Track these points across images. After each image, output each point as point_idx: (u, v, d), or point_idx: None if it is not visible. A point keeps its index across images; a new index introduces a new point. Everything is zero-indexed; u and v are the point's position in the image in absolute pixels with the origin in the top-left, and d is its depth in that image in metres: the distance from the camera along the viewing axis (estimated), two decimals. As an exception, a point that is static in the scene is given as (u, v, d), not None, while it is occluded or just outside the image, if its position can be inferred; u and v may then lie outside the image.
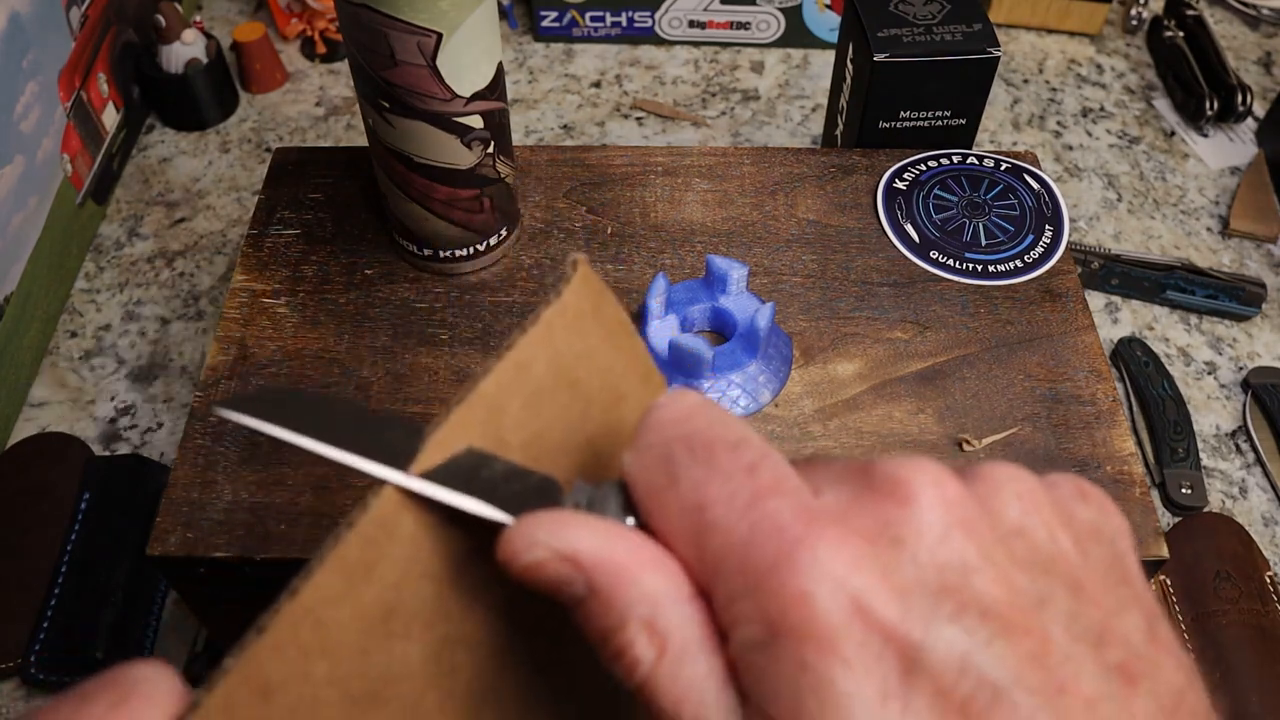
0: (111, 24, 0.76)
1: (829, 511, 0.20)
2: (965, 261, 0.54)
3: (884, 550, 0.20)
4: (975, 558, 0.20)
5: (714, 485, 0.21)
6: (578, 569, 0.21)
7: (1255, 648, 0.55)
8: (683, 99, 0.84)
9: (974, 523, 0.21)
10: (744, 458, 0.21)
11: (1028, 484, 0.22)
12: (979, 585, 0.20)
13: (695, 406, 0.22)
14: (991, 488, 0.22)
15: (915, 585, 0.20)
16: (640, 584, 0.21)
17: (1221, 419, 0.66)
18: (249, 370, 0.49)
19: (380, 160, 0.50)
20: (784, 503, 0.20)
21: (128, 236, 0.74)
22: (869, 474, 0.21)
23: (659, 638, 0.20)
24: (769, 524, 0.20)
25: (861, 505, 0.21)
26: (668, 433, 0.22)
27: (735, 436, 0.22)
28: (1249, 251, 0.74)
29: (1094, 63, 0.89)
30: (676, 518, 0.21)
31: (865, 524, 0.20)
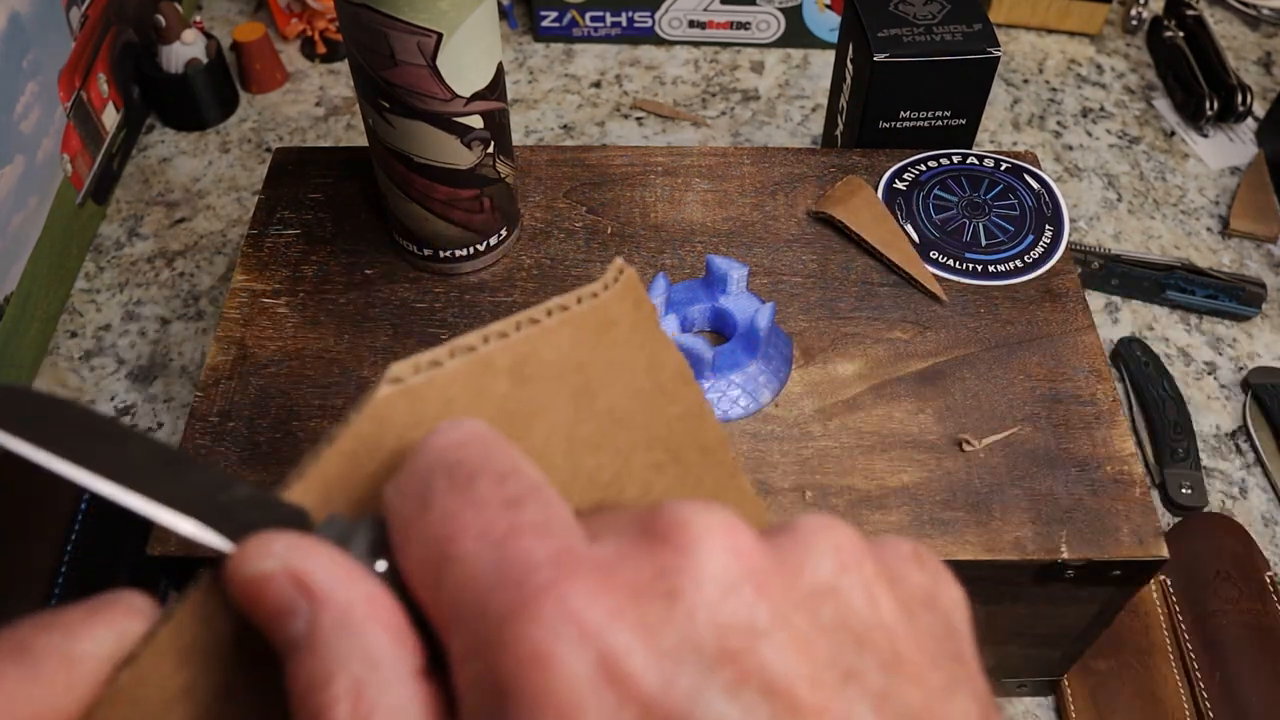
0: (111, 24, 0.76)
1: (594, 558, 0.17)
2: (965, 261, 0.54)
3: (652, 604, 0.16)
4: (766, 619, 0.16)
5: (465, 516, 0.17)
6: (305, 596, 0.17)
7: (1255, 648, 0.55)
8: (683, 99, 0.84)
9: (769, 577, 0.17)
10: (508, 490, 0.18)
11: (848, 539, 0.19)
12: (767, 653, 0.16)
13: (472, 434, 0.19)
14: (801, 540, 0.18)
15: (686, 647, 0.16)
16: (363, 638, 0.17)
17: (1221, 419, 0.66)
18: (249, 370, 0.49)
19: (380, 160, 0.50)
20: (541, 543, 0.17)
21: (128, 236, 0.74)
22: (651, 520, 0.18)
23: (364, 709, 0.16)
24: (516, 564, 0.16)
25: (636, 552, 0.17)
26: (433, 459, 0.18)
27: (506, 468, 0.18)
28: (1249, 251, 0.74)
29: (1094, 63, 0.89)
30: (420, 551, 0.18)
31: (635, 573, 0.17)
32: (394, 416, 0.21)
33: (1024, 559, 0.43)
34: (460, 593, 0.17)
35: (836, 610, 0.17)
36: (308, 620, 0.17)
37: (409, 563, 0.18)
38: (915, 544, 0.20)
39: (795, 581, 0.17)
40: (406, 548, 0.18)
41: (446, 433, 0.19)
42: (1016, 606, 0.47)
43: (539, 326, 0.23)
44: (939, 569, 0.20)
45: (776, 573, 0.17)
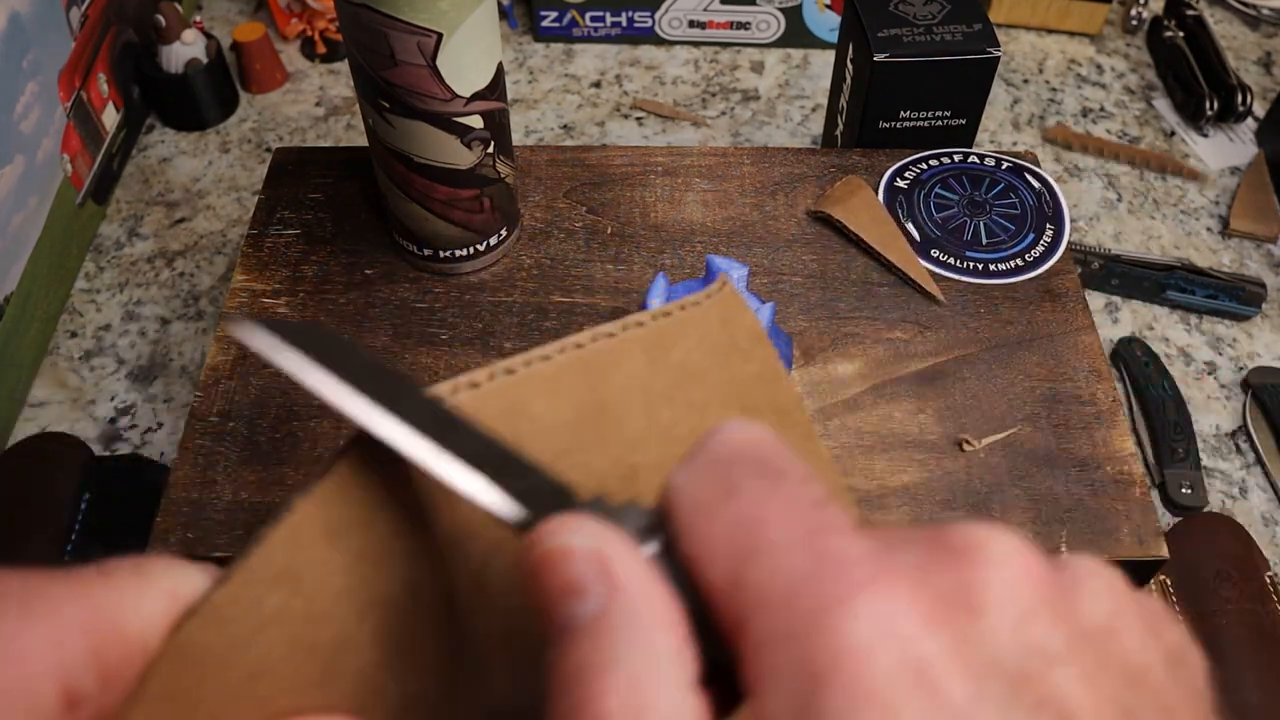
0: (111, 24, 0.76)
1: (903, 563, 0.17)
2: (966, 260, 0.54)
3: (961, 617, 0.17)
4: (1062, 647, 0.17)
5: (776, 505, 0.18)
6: (604, 581, 0.17)
7: (1255, 648, 0.55)
8: (683, 99, 0.84)
9: (1061, 607, 0.17)
10: (814, 491, 0.18)
11: (1120, 583, 0.19)
12: (1062, 681, 0.16)
13: (768, 435, 0.19)
14: (1077, 576, 0.19)
15: (992, 665, 0.16)
16: (651, 635, 0.17)
17: (1221, 419, 0.66)
18: (249, 370, 0.49)
19: (380, 160, 0.50)
20: (855, 543, 0.17)
21: (128, 236, 0.74)
22: (943, 534, 0.18)
23: (637, 706, 0.16)
24: (833, 559, 0.17)
25: (939, 565, 0.17)
26: (733, 452, 0.19)
27: (807, 471, 0.19)
28: (1249, 251, 0.74)
29: (1094, 63, 0.89)
30: (723, 534, 0.18)
31: (942, 585, 0.17)
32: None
33: (1024, 559, 0.43)
34: (770, 579, 0.17)
35: (1115, 651, 0.18)
36: (599, 605, 0.17)
37: (706, 546, 0.18)
38: (1162, 603, 0.20)
39: (1080, 616, 0.18)
40: (705, 532, 0.18)
41: (741, 430, 0.19)
42: (1016, 606, 0.47)
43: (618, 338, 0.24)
44: (1184, 630, 0.20)
45: (1066, 603, 0.18)
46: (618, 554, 0.18)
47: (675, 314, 0.25)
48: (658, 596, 0.18)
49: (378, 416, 0.20)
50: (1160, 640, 0.19)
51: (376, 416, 0.20)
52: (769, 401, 0.27)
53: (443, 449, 0.20)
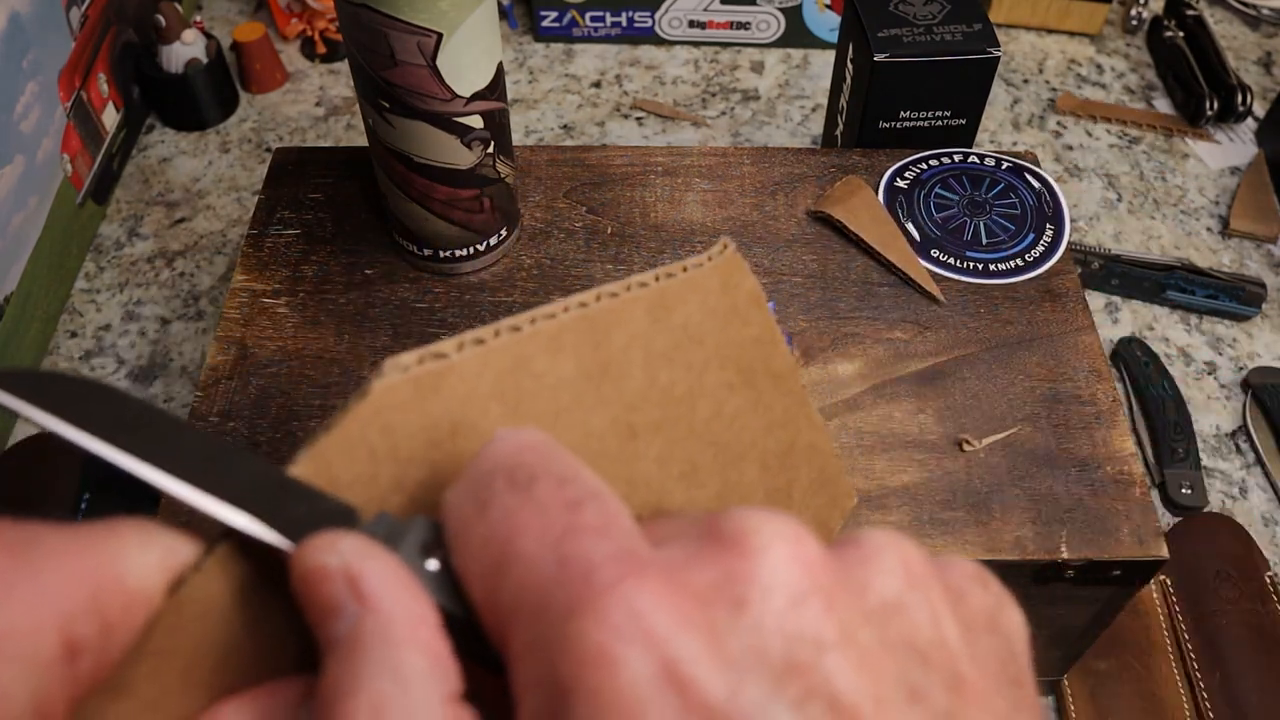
0: (111, 24, 0.76)
1: (657, 560, 0.17)
2: (966, 260, 0.54)
3: (719, 611, 0.16)
4: (833, 634, 0.16)
5: (525, 514, 0.17)
6: (356, 599, 0.17)
7: (1255, 648, 0.55)
8: (683, 99, 0.84)
9: (836, 592, 0.17)
10: (568, 493, 0.18)
11: (914, 556, 0.18)
12: (833, 668, 0.16)
13: (530, 443, 0.19)
14: (866, 554, 0.18)
15: (753, 657, 0.16)
16: (399, 655, 0.17)
17: (1221, 419, 0.66)
18: (249, 370, 0.49)
19: (380, 160, 0.50)
20: (603, 543, 0.17)
21: (128, 236, 0.74)
22: (714, 526, 0.17)
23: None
24: (578, 563, 0.16)
25: (701, 558, 0.17)
26: (492, 464, 0.19)
27: (566, 472, 0.18)
28: (1249, 251, 0.74)
29: (1094, 63, 0.89)
30: (479, 550, 0.18)
31: (700, 578, 0.16)
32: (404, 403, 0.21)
33: (1024, 559, 0.43)
34: (520, 591, 0.17)
35: (902, 628, 0.17)
36: (352, 623, 0.17)
37: (467, 562, 0.18)
38: (978, 566, 0.20)
39: (861, 596, 0.17)
40: (465, 548, 0.18)
41: (505, 439, 0.19)
42: (1016, 606, 0.47)
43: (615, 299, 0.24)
44: (1001, 592, 0.20)
45: (843, 586, 0.17)
46: (369, 570, 0.18)
47: (679, 275, 0.25)
48: (411, 612, 0.17)
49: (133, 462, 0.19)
50: (961, 609, 0.18)
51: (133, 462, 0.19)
52: (765, 366, 0.27)
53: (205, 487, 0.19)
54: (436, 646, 0.17)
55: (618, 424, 0.24)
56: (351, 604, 0.17)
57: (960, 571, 0.19)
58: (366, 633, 0.17)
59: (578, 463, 0.19)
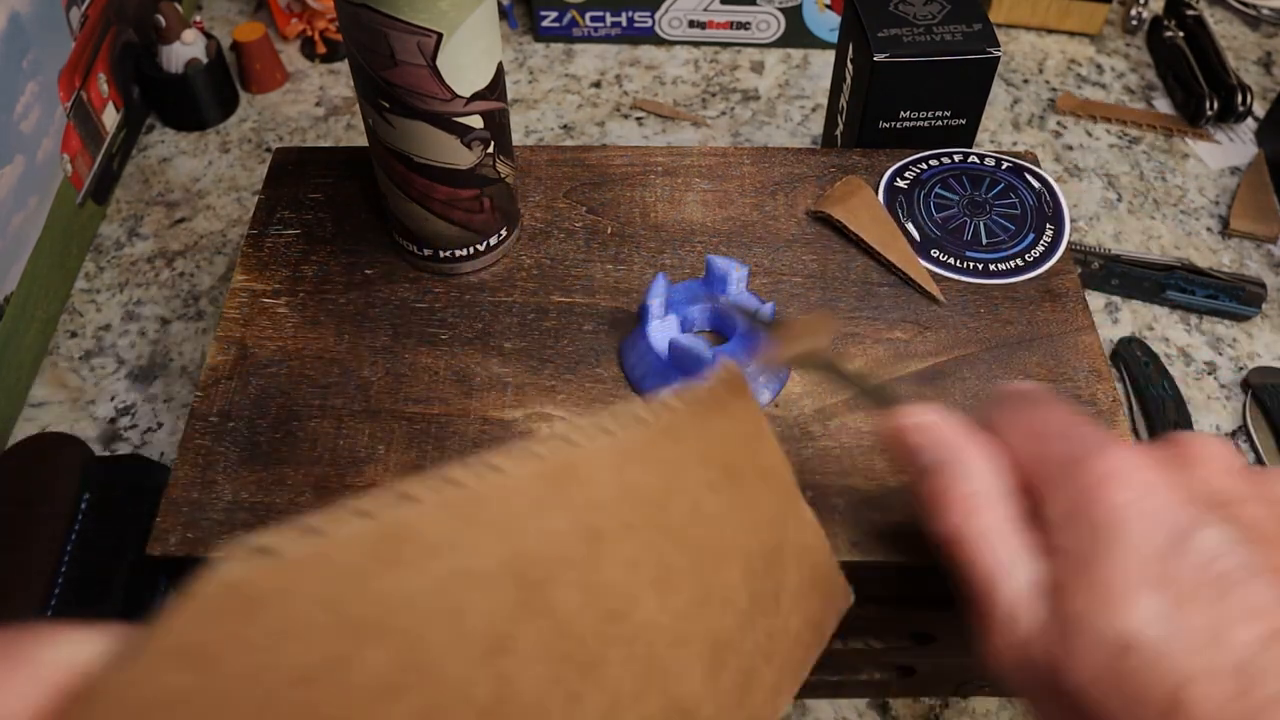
0: (111, 24, 0.76)
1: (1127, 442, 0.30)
2: (966, 260, 0.54)
3: (1174, 468, 0.28)
4: (1245, 494, 0.28)
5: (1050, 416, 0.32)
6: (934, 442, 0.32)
7: (1255, 648, 0.55)
8: (683, 99, 0.84)
9: (1248, 477, 0.29)
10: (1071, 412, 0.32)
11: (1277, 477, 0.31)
12: (1246, 511, 0.28)
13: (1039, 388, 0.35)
14: (1266, 472, 0.30)
15: (1199, 493, 0.27)
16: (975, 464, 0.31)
17: (1221, 419, 0.66)
18: (249, 370, 0.49)
19: (380, 160, 0.50)
20: (1095, 431, 0.30)
21: (128, 236, 0.74)
22: (1161, 438, 0.31)
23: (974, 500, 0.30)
24: (1088, 436, 0.30)
25: (1157, 445, 0.30)
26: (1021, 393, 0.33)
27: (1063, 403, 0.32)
28: (1249, 251, 0.74)
29: (1094, 63, 0.89)
30: (1020, 430, 0.31)
31: (1160, 453, 0.29)
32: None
33: (1024, 559, 0.43)
34: (1052, 448, 0.30)
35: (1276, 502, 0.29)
36: (937, 455, 0.31)
37: (1012, 437, 0.32)
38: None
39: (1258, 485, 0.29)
40: (1009, 430, 0.32)
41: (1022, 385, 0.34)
42: (1017, 606, 0.47)
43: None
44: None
45: (1247, 476, 0.30)
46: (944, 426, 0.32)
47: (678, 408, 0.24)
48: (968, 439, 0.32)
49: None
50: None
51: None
52: (751, 462, 0.26)
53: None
54: (995, 458, 0.31)
55: (581, 527, 0.22)
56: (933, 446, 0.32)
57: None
58: (950, 458, 0.31)
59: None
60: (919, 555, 0.44)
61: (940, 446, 0.31)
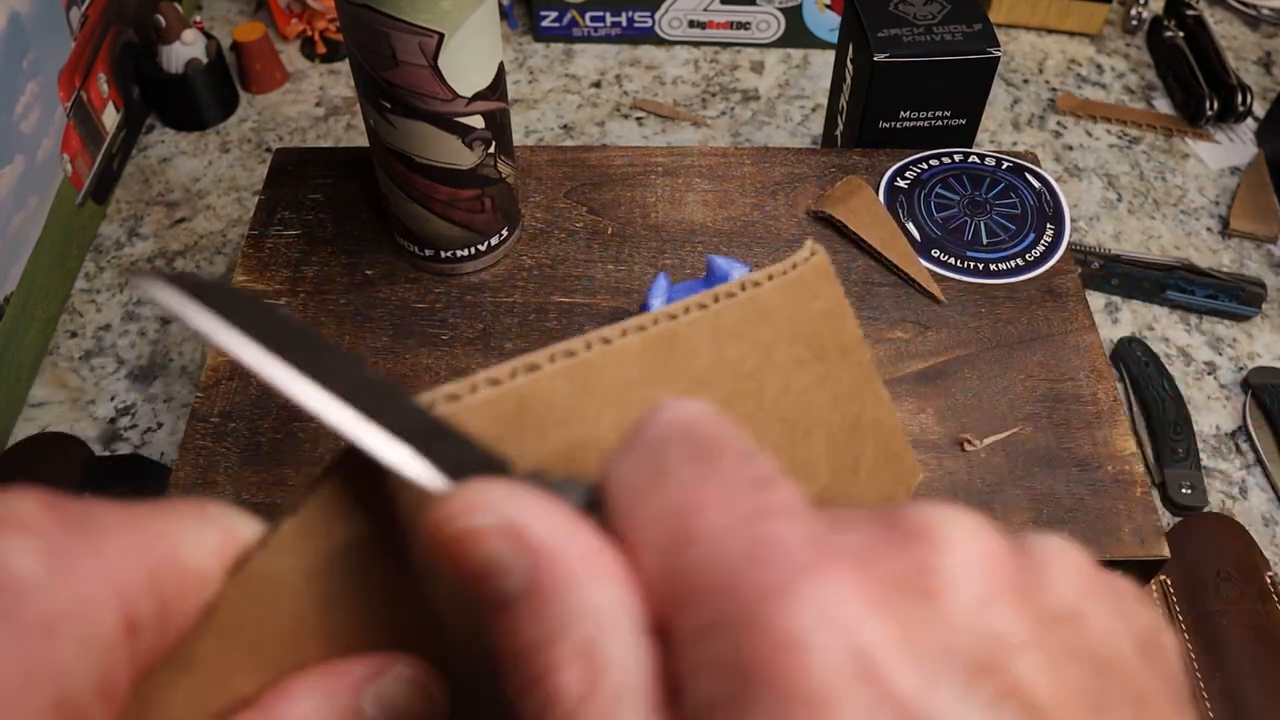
0: (111, 24, 0.76)
1: (849, 547, 0.16)
2: (966, 260, 0.54)
3: (911, 602, 0.15)
4: (1025, 634, 0.16)
5: (711, 487, 0.17)
6: (523, 553, 0.16)
7: (1255, 648, 0.55)
8: (683, 99, 0.84)
9: (1024, 592, 0.16)
10: (754, 469, 0.17)
11: (1087, 564, 0.18)
12: (1025, 670, 0.15)
13: (707, 412, 0.18)
14: (1044, 559, 0.17)
15: (945, 652, 0.15)
16: (590, 594, 0.16)
17: (1221, 419, 0.66)
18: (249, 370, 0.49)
19: (381, 161, 0.50)
20: (795, 526, 0.16)
21: (128, 236, 0.74)
22: (897, 516, 0.17)
23: (594, 670, 0.15)
24: (771, 545, 0.16)
25: (889, 547, 0.16)
26: (667, 431, 0.18)
27: (749, 448, 0.17)
28: (1249, 251, 0.74)
29: (1094, 63, 0.89)
30: (654, 520, 0.17)
31: (891, 569, 0.16)
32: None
33: (1025, 559, 0.43)
34: (701, 568, 0.16)
35: (1083, 637, 0.17)
36: (527, 576, 0.16)
37: (637, 532, 0.17)
38: (1132, 582, 0.19)
39: (1045, 600, 0.17)
40: (635, 517, 0.17)
41: (677, 408, 0.18)
42: (1017, 606, 0.47)
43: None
44: (1156, 612, 0.19)
45: (1029, 587, 0.17)
46: (534, 520, 0.17)
47: (765, 284, 0.25)
48: (591, 551, 0.17)
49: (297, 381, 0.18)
50: (1131, 624, 0.18)
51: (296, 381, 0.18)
52: (834, 339, 0.27)
53: (367, 416, 0.18)
54: (623, 576, 0.17)
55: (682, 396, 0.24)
56: (518, 558, 0.16)
57: (1123, 587, 0.18)
58: (548, 581, 0.16)
59: (751, 439, 0.18)
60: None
61: (532, 562, 0.16)
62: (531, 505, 0.17)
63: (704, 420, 0.18)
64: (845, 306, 0.27)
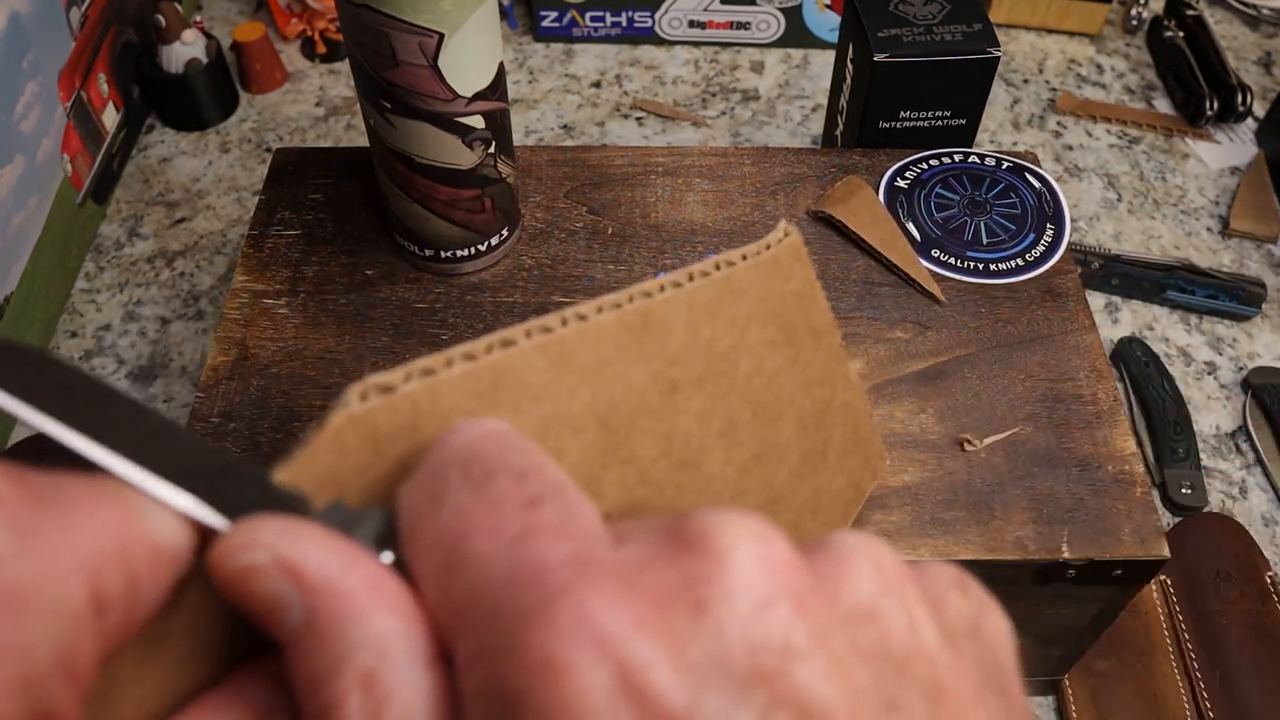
0: (111, 24, 0.76)
1: (616, 562, 0.16)
2: (966, 260, 0.54)
3: (678, 615, 0.15)
4: (803, 639, 0.15)
5: (478, 512, 0.16)
6: (299, 588, 0.16)
7: (1255, 648, 0.55)
8: (683, 99, 0.84)
9: (806, 596, 0.16)
10: (527, 489, 0.17)
11: (889, 560, 0.17)
12: (803, 676, 0.15)
13: (490, 433, 0.18)
14: (838, 558, 0.17)
15: (715, 664, 0.15)
16: (369, 625, 0.16)
17: (1221, 419, 0.66)
18: (250, 371, 0.49)
19: (381, 161, 0.50)
20: (559, 545, 0.16)
21: (128, 236, 0.74)
22: (679, 525, 0.17)
23: (376, 701, 0.15)
24: (532, 566, 0.15)
25: (662, 559, 0.16)
26: (448, 456, 0.18)
27: (526, 466, 0.17)
28: (1249, 251, 0.74)
29: (1094, 63, 0.89)
30: (429, 548, 0.17)
31: (660, 581, 0.16)
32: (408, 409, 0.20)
33: (1025, 559, 0.43)
34: (470, 594, 0.16)
35: (877, 635, 0.16)
36: (304, 612, 0.16)
37: (417, 560, 0.17)
38: (959, 570, 0.19)
39: (833, 601, 0.16)
40: (415, 545, 0.17)
41: (464, 429, 0.18)
42: (1017, 606, 0.47)
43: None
44: (983, 597, 0.19)
45: (813, 591, 0.16)
46: (307, 555, 0.17)
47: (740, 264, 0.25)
48: (367, 583, 0.17)
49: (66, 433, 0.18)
50: (941, 615, 0.18)
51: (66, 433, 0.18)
52: (805, 322, 0.27)
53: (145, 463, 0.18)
54: (403, 606, 0.17)
55: (659, 378, 0.23)
56: (295, 594, 0.16)
57: (938, 576, 0.18)
58: (324, 615, 0.16)
59: (542, 455, 0.18)
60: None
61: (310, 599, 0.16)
62: (305, 540, 0.17)
63: (484, 442, 0.18)
64: (817, 289, 0.27)
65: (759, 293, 0.26)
